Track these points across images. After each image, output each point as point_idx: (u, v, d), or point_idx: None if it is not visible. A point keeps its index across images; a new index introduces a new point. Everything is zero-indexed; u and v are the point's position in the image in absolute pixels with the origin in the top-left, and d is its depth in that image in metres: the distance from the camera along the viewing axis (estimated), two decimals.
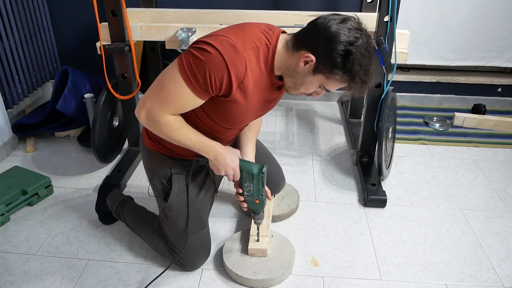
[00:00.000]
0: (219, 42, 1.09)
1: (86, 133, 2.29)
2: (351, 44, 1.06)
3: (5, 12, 2.17)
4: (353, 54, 1.06)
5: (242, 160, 1.33)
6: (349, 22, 1.08)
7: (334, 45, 1.06)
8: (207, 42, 1.09)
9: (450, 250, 1.58)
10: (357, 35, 1.07)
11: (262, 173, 1.30)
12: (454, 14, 2.44)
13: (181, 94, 1.13)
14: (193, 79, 1.10)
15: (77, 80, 2.15)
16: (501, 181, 1.99)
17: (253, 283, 1.39)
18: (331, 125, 2.52)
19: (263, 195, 1.35)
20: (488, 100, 2.70)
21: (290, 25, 1.95)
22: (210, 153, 1.27)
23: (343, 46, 1.06)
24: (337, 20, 1.08)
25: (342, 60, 1.07)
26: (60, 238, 1.62)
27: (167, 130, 1.20)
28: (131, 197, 1.66)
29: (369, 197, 1.79)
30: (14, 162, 2.08)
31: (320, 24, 1.08)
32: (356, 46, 1.06)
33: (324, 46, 1.07)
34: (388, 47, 1.72)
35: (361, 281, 1.44)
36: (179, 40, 1.77)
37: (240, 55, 1.09)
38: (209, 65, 1.07)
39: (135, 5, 2.17)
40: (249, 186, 1.33)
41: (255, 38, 1.14)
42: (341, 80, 1.12)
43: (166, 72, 1.15)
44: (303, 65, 1.11)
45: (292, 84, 1.19)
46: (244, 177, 1.32)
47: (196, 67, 1.09)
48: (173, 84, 1.12)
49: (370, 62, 1.10)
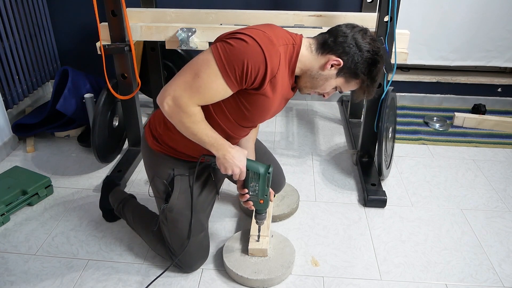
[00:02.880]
0: (256, 34, 1.11)
1: (86, 133, 2.29)
2: (376, 53, 1.19)
3: (5, 12, 2.17)
4: (379, 63, 1.20)
5: (249, 160, 1.33)
6: (368, 32, 1.21)
7: (363, 53, 1.18)
8: (244, 33, 1.10)
9: (450, 250, 1.58)
10: (377, 45, 1.20)
11: (269, 173, 1.32)
12: (454, 14, 2.44)
13: (214, 84, 1.12)
14: (229, 69, 1.09)
15: (77, 80, 2.15)
16: (501, 181, 1.99)
17: (253, 283, 1.39)
18: (331, 125, 2.52)
19: (267, 195, 1.37)
20: (488, 100, 2.70)
21: (290, 25, 1.96)
22: (220, 151, 1.26)
23: (370, 55, 1.18)
24: (358, 30, 1.20)
25: (367, 67, 1.19)
26: (60, 238, 1.62)
27: (189, 121, 1.18)
28: (133, 196, 1.66)
29: (369, 197, 1.79)
30: (14, 162, 2.08)
31: (345, 33, 1.19)
32: (380, 55, 1.20)
33: (354, 54, 1.18)
34: (388, 47, 1.72)
35: (361, 281, 1.44)
36: (179, 40, 1.77)
37: (276, 48, 1.12)
38: (248, 54, 1.08)
39: (135, 5, 2.17)
40: (254, 186, 1.34)
41: (284, 37, 1.19)
42: (358, 85, 1.24)
43: (198, 60, 1.13)
44: (329, 68, 1.19)
45: (310, 84, 1.25)
46: (250, 176, 1.33)
47: (233, 57, 1.08)
48: (208, 74, 1.11)
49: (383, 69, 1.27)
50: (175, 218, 1.37)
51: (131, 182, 1.96)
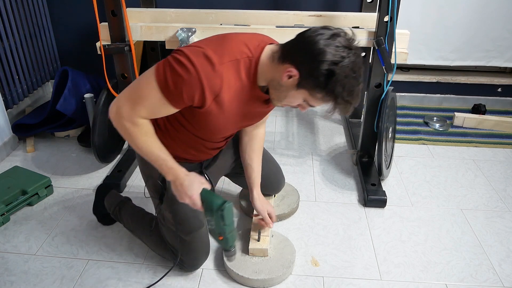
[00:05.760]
0: (196, 55, 1.07)
1: (86, 133, 2.28)
2: (336, 64, 1.01)
3: (5, 12, 2.17)
4: (336, 75, 1.01)
5: (205, 190, 1.22)
6: (338, 38, 1.03)
7: (318, 63, 1.01)
8: (185, 54, 1.07)
9: (450, 250, 1.58)
10: (344, 54, 1.02)
11: (221, 210, 1.18)
12: (454, 14, 2.44)
13: (154, 97, 1.10)
14: (167, 88, 1.08)
15: (77, 80, 2.15)
16: (501, 181, 1.99)
17: (254, 283, 1.39)
18: (331, 125, 2.52)
19: (226, 233, 1.23)
20: (488, 100, 2.70)
21: (290, 25, 1.96)
22: (169, 176, 1.21)
23: (327, 66, 1.01)
24: (326, 35, 1.03)
25: (324, 80, 1.02)
26: (60, 238, 1.62)
27: (134, 131, 1.17)
28: (129, 198, 1.66)
29: (369, 197, 1.79)
30: (14, 162, 2.08)
31: (308, 38, 1.04)
32: (340, 66, 1.01)
33: (308, 63, 1.03)
34: (388, 47, 1.73)
35: (361, 281, 1.44)
36: (179, 40, 1.77)
37: (216, 69, 1.07)
38: (184, 80, 1.06)
39: (135, 5, 2.17)
40: (210, 221, 1.23)
41: (235, 51, 1.12)
42: (323, 99, 1.08)
43: (143, 76, 1.14)
44: (286, 79, 1.07)
45: (276, 96, 1.16)
46: (205, 209, 1.21)
47: (171, 79, 1.07)
48: (149, 88, 1.10)
49: (356, 83, 1.05)
50: (172, 216, 1.37)
51: (131, 182, 1.96)
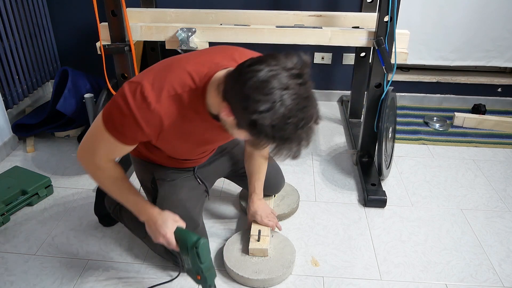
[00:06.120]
0: (133, 95, 1.03)
1: None
2: (261, 112, 0.86)
3: (5, 12, 2.17)
4: (258, 127, 0.88)
5: (180, 229, 1.19)
6: (277, 77, 0.86)
7: (242, 111, 0.89)
8: (124, 94, 1.04)
9: (450, 250, 1.58)
10: (276, 97, 0.85)
11: (196, 248, 1.14)
12: (454, 14, 2.44)
13: (107, 141, 1.10)
14: (115, 130, 1.08)
15: (77, 80, 2.15)
16: (501, 181, 1.99)
17: (254, 283, 1.39)
18: (331, 125, 2.52)
19: (204, 271, 1.18)
20: (488, 100, 2.70)
21: (290, 25, 1.96)
22: (142, 216, 1.21)
23: (249, 115, 0.88)
24: (261, 75, 0.86)
25: (251, 130, 0.91)
26: (60, 238, 1.62)
27: (100, 175, 1.18)
28: None
29: (369, 197, 1.79)
30: (14, 162, 2.08)
31: (240, 77, 0.90)
32: (264, 117, 0.86)
33: (237, 109, 0.92)
34: (388, 47, 1.73)
35: (361, 281, 1.44)
36: (179, 40, 1.77)
37: (152, 108, 1.03)
38: (124, 123, 1.05)
39: (135, 5, 2.17)
40: (187, 259, 1.19)
41: (176, 84, 1.05)
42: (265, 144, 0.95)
43: (94, 122, 1.13)
44: (227, 117, 0.97)
45: (226, 128, 1.04)
46: (180, 247, 1.18)
47: (114, 121, 1.07)
48: (99, 133, 1.10)
49: (292, 129, 0.89)
50: None
51: (131, 181, 1.95)
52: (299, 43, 1.80)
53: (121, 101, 1.05)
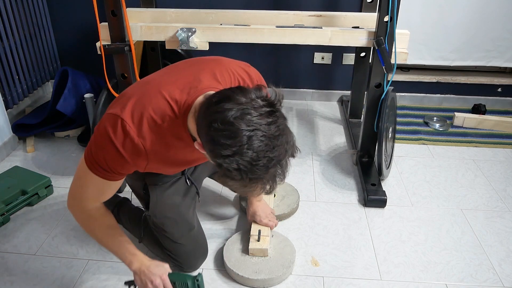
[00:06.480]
0: (114, 132, 1.00)
1: (86, 133, 2.29)
2: (226, 157, 0.83)
3: (5, 12, 2.17)
4: (224, 170, 0.85)
5: (172, 273, 1.21)
6: (245, 119, 0.82)
7: (210, 153, 0.87)
8: (107, 133, 1.01)
9: (450, 250, 1.58)
10: (240, 143, 0.81)
11: (197, 281, 1.18)
12: (454, 14, 2.44)
13: (94, 182, 1.08)
14: (101, 170, 1.05)
15: (77, 80, 2.15)
16: (501, 181, 1.99)
17: (254, 283, 1.39)
18: (331, 125, 2.52)
19: None
20: (488, 100, 2.70)
21: (290, 25, 1.96)
22: (134, 264, 1.18)
23: (215, 159, 0.86)
24: (229, 116, 0.82)
25: (219, 171, 0.88)
26: (60, 238, 1.62)
27: (91, 224, 1.16)
28: (127, 199, 1.65)
29: (369, 197, 1.79)
30: (14, 162, 2.08)
31: (207, 117, 0.87)
32: (230, 161, 0.83)
33: (206, 148, 0.89)
34: (388, 47, 1.72)
35: (361, 281, 1.44)
36: (179, 40, 1.77)
37: (136, 142, 1.01)
38: (108, 159, 1.03)
39: (135, 5, 2.17)
40: None
41: (155, 114, 1.01)
42: None
43: (78, 169, 1.11)
44: (201, 150, 0.95)
45: None
46: (178, 287, 1.19)
47: (98, 160, 1.04)
48: (86, 178, 1.08)
49: (260, 171, 0.85)
50: (161, 222, 1.37)
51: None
52: (299, 43, 1.80)
53: (104, 140, 1.02)
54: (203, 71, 1.11)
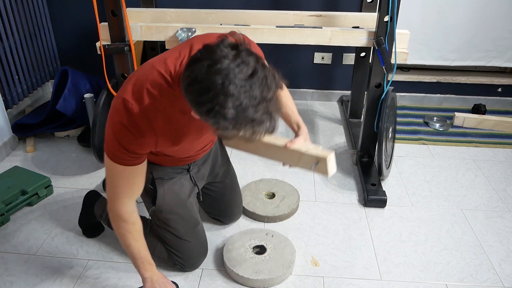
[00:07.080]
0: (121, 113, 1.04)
1: (86, 133, 2.28)
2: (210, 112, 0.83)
3: (5, 12, 2.17)
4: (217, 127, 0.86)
5: None
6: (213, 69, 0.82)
7: (200, 115, 0.87)
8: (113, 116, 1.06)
9: (450, 250, 1.58)
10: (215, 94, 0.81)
11: None
12: (454, 14, 2.44)
13: (123, 172, 1.12)
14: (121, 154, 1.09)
15: (77, 80, 2.15)
16: (501, 181, 1.99)
17: (254, 283, 1.39)
18: (331, 125, 2.52)
19: None
20: (488, 100, 2.70)
21: (290, 25, 1.96)
22: (147, 272, 1.26)
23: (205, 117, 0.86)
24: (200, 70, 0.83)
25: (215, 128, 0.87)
26: (60, 238, 1.62)
27: (123, 227, 1.20)
28: None
29: (369, 197, 1.79)
30: (14, 162, 2.08)
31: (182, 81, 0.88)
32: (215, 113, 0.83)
33: (195, 112, 0.89)
34: (388, 47, 1.73)
35: (361, 281, 1.44)
36: (179, 40, 1.77)
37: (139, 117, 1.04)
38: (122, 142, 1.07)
39: (135, 5, 2.17)
40: None
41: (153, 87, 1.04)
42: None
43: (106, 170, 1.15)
44: (196, 116, 0.92)
45: None
46: None
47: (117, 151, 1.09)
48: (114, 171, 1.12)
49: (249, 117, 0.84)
50: (166, 218, 1.38)
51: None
52: (299, 43, 1.80)
53: (112, 123, 1.07)
54: (195, 43, 1.14)
